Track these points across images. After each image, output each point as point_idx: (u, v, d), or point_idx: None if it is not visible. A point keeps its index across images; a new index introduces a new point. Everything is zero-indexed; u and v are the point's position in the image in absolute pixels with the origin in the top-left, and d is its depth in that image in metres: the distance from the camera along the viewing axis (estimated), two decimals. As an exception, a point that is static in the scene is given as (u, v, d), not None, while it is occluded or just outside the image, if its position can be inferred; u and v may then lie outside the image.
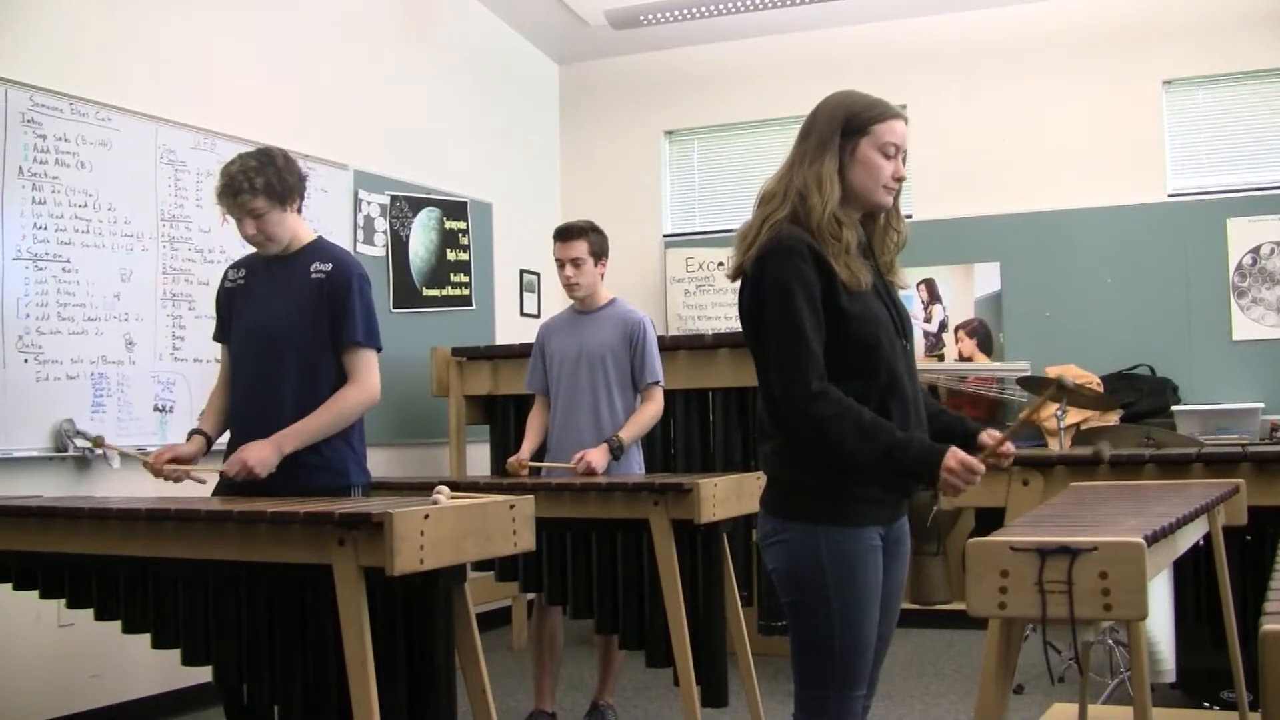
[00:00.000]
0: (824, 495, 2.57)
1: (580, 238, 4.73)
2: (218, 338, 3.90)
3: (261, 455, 3.51)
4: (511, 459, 4.75)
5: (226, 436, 3.82)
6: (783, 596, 2.66)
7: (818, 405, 2.48)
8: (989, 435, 2.70)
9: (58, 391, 4.77)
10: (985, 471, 2.51)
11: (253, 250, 3.83)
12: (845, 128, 2.62)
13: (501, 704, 4.04)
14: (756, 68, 7.98)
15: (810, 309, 2.51)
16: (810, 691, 2.62)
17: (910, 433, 2.57)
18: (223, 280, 3.89)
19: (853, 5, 7.36)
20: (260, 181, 3.58)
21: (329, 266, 3.70)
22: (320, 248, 3.80)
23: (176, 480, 3.73)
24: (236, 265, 3.89)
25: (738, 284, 2.71)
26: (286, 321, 3.66)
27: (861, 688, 2.62)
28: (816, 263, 2.53)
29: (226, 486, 3.71)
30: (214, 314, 3.95)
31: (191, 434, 3.81)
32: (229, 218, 3.73)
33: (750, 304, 2.62)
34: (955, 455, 2.47)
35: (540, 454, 4.83)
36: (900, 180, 2.67)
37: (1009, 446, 2.66)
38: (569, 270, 4.74)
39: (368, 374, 3.69)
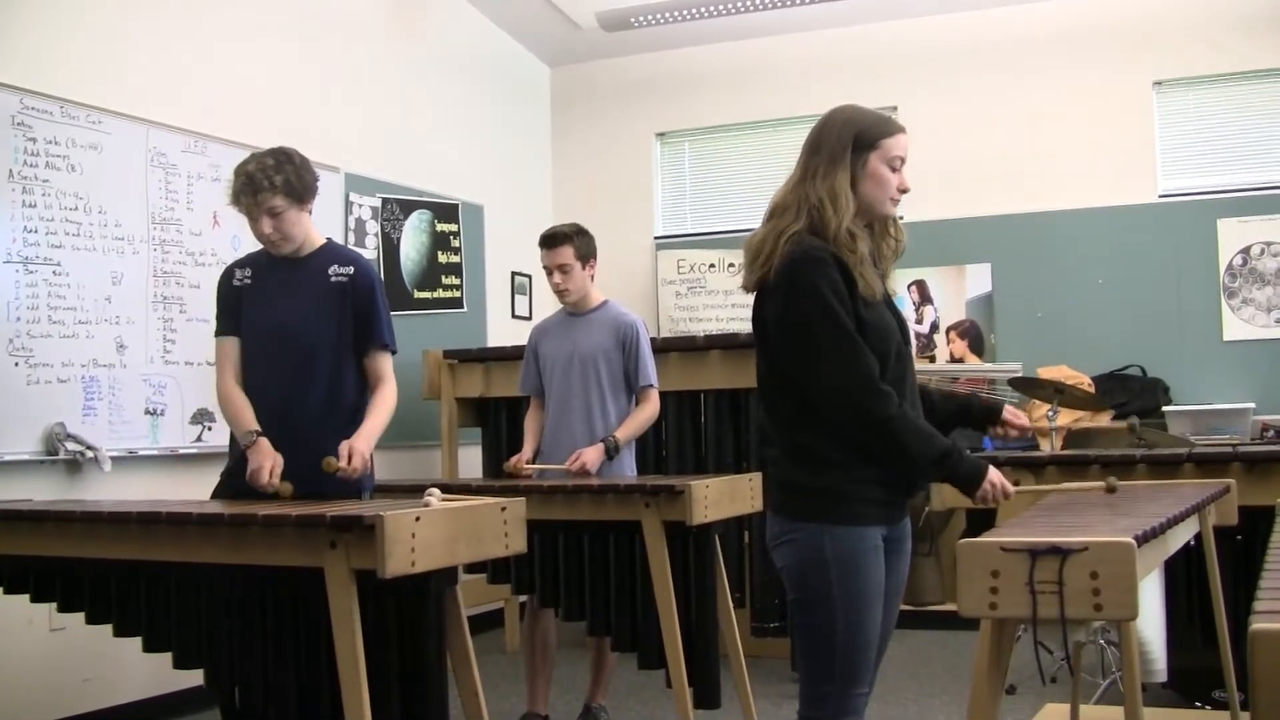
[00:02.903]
0: (828, 496, 2.66)
1: (565, 243, 4.69)
2: (225, 332, 3.77)
3: (365, 449, 3.55)
4: (511, 460, 4.74)
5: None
6: (790, 594, 2.76)
7: (887, 404, 2.60)
8: (1013, 413, 2.97)
9: (49, 395, 4.76)
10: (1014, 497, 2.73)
11: (257, 249, 3.82)
12: (856, 143, 2.73)
13: (494, 707, 4.04)
14: (748, 70, 7.99)
15: (846, 315, 2.62)
16: (814, 687, 2.71)
17: (957, 443, 2.70)
18: (228, 278, 3.83)
19: (843, 7, 7.37)
20: (279, 179, 3.57)
21: (350, 270, 3.71)
22: (335, 250, 3.80)
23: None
24: (241, 264, 3.85)
25: (748, 295, 2.82)
26: (310, 325, 3.66)
27: (863, 685, 2.69)
28: (841, 272, 2.64)
29: (227, 489, 3.70)
30: (209, 315, 3.92)
31: (255, 438, 3.58)
32: (220, 221, 3.72)
33: (782, 312, 2.68)
34: (998, 475, 2.67)
35: (536, 455, 4.83)
36: (905, 192, 2.79)
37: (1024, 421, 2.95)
38: (557, 277, 4.73)
39: (392, 375, 3.78)
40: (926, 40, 7.58)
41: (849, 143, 2.71)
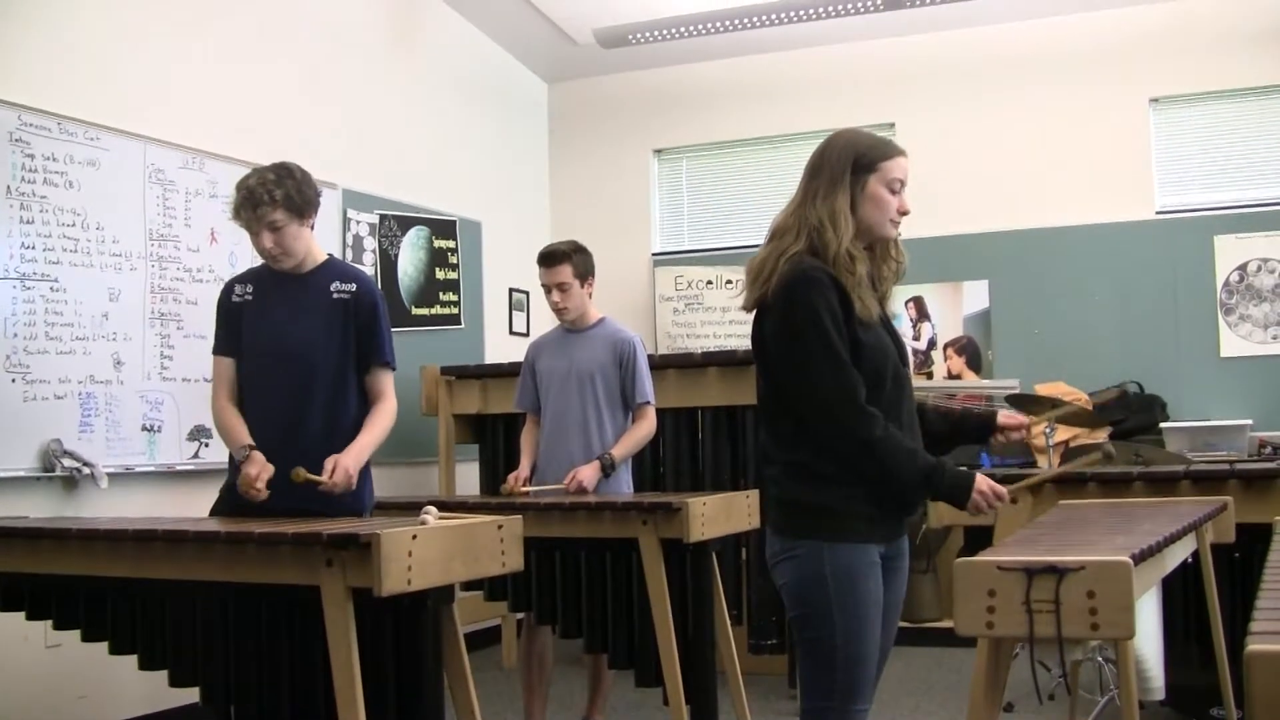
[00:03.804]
0: (826, 513, 2.69)
1: (564, 261, 4.71)
2: (221, 351, 3.80)
3: (352, 466, 3.52)
4: (509, 478, 4.72)
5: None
6: (790, 610, 2.78)
7: (872, 426, 2.62)
8: (1008, 415, 2.97)
9: (45, 411, 4.75)
10: (1009, 499, 2.71)
11: (259, 264, 3.82)
12: (855, 166, 2.77)
13: (491, 724, 4.03)
14: (745, 86, 8.00)
15: (839, 336, 2.65)
16: (814, 703, 2.73)
17: (944, 459, 2.72)
18: (228, 293, 3.84)
19: (841, 24, 7.38)
20: (280, 194, 3.57)
21: (352, 287, 3.72)
22: (337, 267, 3.81)
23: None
24: (241, 280, 3.85)
25: (748, 314, 2.84)
26: (312, 342, 3.65)
27: (863, 701, 2.71)
28: (838, 294, 2.67)
29: (226, 506, 3.69)
30: (206, 331, 3.92)
31: (250, 451, 3.59)
32: (218, 238, 3.72)
33: (777, 332, 2.72)
34: (985, 481, 2.67)
35: (533, 471, 4.83)
36: (905, 214, 2.83)
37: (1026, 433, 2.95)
38: (556, 295, 4.73)
39: (392, 392, 3.78)
40: (924, 58, 7.60)
41: (848, 165, 2.75)
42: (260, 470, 3.53)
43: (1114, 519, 2.78)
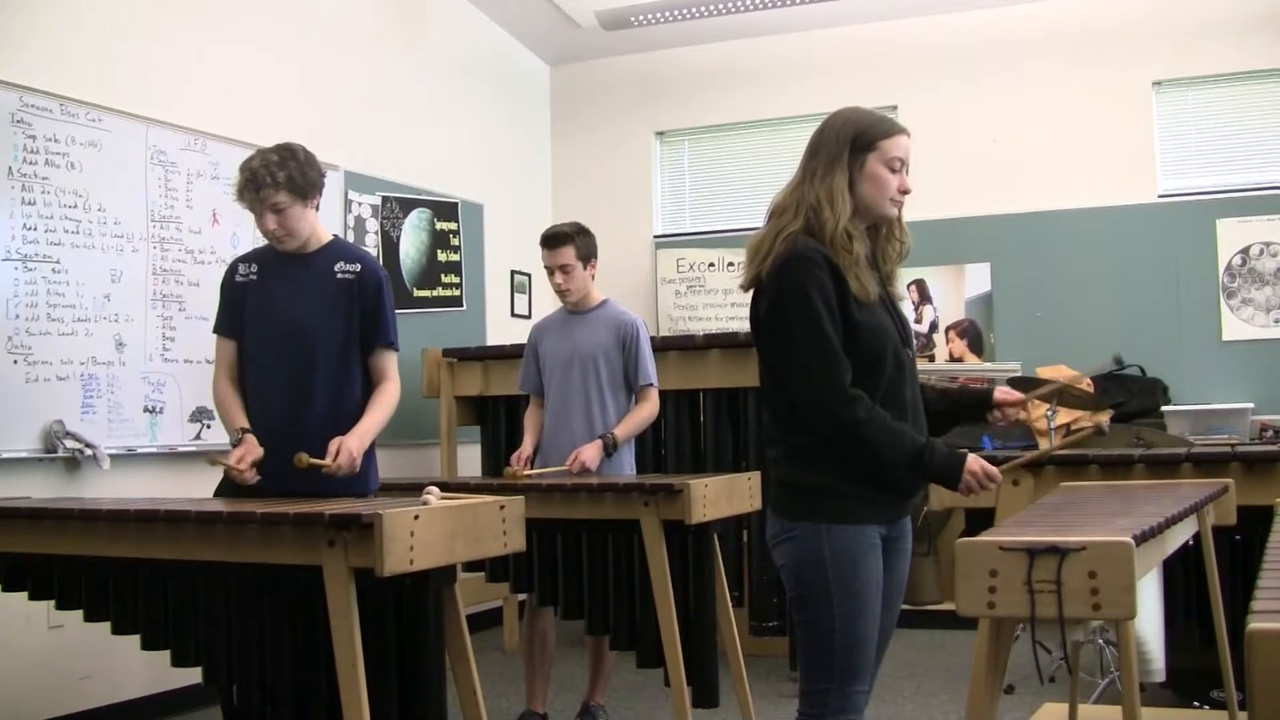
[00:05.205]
0: (826, 495, 2.68)
1: (567, 243, 4.69)
2: (223, 331, 3.81)
3: (356, 447, 3.53)
4: (512, 458, 4.71)
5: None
6: (789, 592, 2.77)
7: (854, 409, 2.60)
8: (1004, 392, 2.93)
9: (47, 392, 4.76)
10: (1002, 480, 2.70)
11: (263, 245, 3.82)
12: (854, 144, 2.74)
13: (492, 705, 4.04)
14: (747, 69, 7.99)
15: (830, 317, 2.62)
16: (813, 685, 2.72)
17: (934, 439, 2.70)
18: (231, 273, 3.84)
19: (843, 6, 7.37)
20: (283, 176, 3.57)
21: (356, 267, 3.72)
22: (341, 247, 3.81)
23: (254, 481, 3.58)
24: (246, 260, 3.85)
25: (746, 293, 2.82)
26: (316, 322, 3.65)
27: (863, 682, 2.71)
28: (831, 273, 2.64)
29: (229, 488, 3.69)
30: (208, 313, 3.92)
31: (243, 434, 3.64)
32: (220, 219, 3.71)
33: (769, 312, 2.71)
34: (977, 461, 2.65)
35: (536, 452, 4.82)
36: (906, 193, 2.80)
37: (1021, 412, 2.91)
38: (559, 277, 4.72)
39: (396, 373, 3.79)
40: (926, 40, 7.58)
41: (847, 144, 2.73)
42: (246, 451, 3.56)
43: (1115, 501, 2.77)
